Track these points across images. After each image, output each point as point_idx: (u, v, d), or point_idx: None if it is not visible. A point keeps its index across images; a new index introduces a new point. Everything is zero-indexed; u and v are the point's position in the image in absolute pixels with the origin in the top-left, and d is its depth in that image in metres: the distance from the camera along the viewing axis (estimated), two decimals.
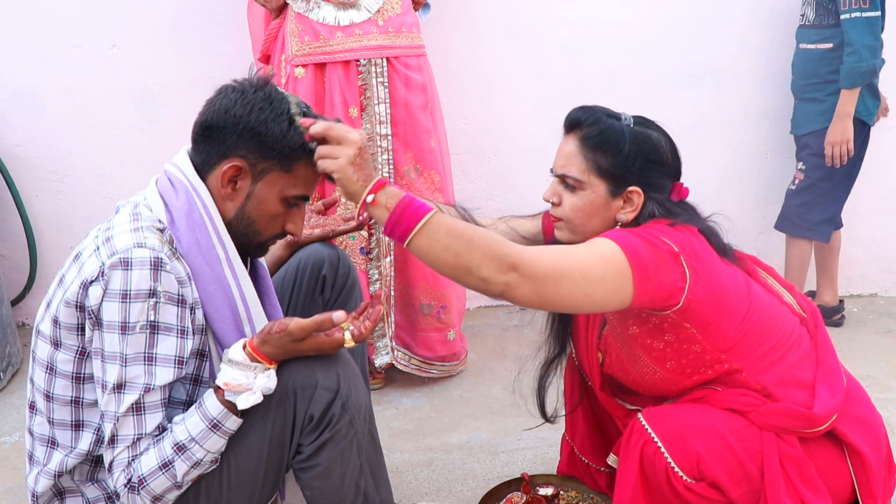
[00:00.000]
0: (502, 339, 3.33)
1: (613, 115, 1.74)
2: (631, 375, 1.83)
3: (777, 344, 1.71)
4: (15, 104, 3.22)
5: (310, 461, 1.55)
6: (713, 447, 1.63)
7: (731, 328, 1.66)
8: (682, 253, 1.58)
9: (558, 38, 3.35)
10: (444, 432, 2.61)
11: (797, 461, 1.63)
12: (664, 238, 1.59)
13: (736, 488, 1.62)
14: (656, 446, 1.64)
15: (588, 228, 1.73)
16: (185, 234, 1.54)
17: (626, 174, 1.69)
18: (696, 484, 1.62)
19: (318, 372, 1.52)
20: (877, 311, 3.59)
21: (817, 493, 1.63)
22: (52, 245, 3.37)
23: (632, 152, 1.69)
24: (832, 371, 1.74)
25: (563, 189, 1.74)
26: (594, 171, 1.70)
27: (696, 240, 1.65)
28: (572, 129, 1.75)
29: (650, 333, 1.70)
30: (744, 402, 1.67)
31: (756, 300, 1.71)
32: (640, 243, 1.57)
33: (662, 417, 1.68)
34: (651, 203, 1.70)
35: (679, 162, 1.77)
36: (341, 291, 1.99)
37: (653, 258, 1.56)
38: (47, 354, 1.52)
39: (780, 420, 1.64)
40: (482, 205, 3.48)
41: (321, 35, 2.64)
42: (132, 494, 1.48)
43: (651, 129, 1.74)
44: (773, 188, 3.56)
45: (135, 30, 3.20)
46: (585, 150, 1.71)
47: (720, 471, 1.62)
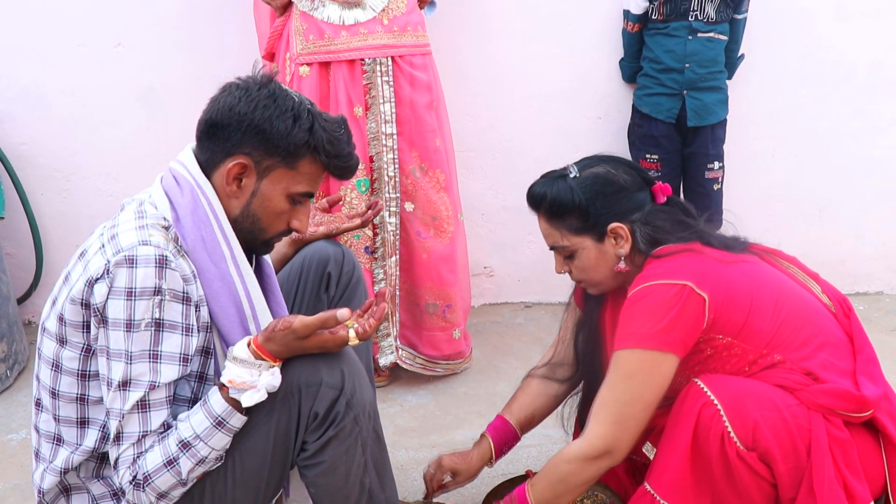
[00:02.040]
0: (507, 336, 3.33)
1: (560, 175, 1.85)
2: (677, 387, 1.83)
3: (815, 332, 1.72)
4: (20, 103, 3.23)
5: (314, 458, 1.56)
6: (769, 418, 1.60)
7: (766, 323, 1.68)
8: (693, 281, 1.64)
9: (564, 37, 3.34)
10: (448, 429, 2.61)
11: (843, 444, 1.61)
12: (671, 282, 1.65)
13: (784, 462, 1.60)
14: (715, 409, 1.61)
15: (600, 278, 1.85)
16: (190, 232, 1.54)
17: (597, 218, 1.79)
18: (747, 453, 1.59)
19: (322, 369, 1.52)
20: (883, 308, 3.58)
21: (858, 478, 1.61)
22: (58, 243, 3.38)
23: (589, 199, 1.79)
24: (871, 361, 1.74)
25: (564, 259, 1.87)
26: (570, 233, 1.82)
27: (696, 257, 1.70)
28: (535, 209, 1.89)
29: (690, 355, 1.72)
30: (793, 380, 1.66)
31: (784, 290, 1.74)
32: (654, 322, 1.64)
33: (721, 382, 1.66)
34: (638, 228, 1.78)
35: (639, 171, 1.86)
36: (346, 289, 2.00)
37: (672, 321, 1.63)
38: (53, 352, 1.52)
39: (830, 400, 1.62)
40: (488, 202, 3.48)
41: (326, 34, 2.64)
42: (137, 491, 1.48)
43: (595, 167, 1.83)
44: None
45: (140, 29, 3.20)
46: (553, 222, 1.84)
47: (773, 442, 1.59)
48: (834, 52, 3.43)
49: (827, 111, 3.50)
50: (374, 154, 2.71)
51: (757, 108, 3.47)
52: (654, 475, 1.70)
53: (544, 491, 1.73)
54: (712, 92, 3.15)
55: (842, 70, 3.46)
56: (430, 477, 2.04)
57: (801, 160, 3.55)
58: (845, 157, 3.55)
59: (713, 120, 3.18)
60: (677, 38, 3.06)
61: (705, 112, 3.14)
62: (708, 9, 3.04)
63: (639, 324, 1.66)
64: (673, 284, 1.64)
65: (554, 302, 3.62)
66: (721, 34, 3.10)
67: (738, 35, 3.21)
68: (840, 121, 3.51)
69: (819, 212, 3.63)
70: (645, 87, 3.18)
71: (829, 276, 3.67)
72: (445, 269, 2.83)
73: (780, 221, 3.58)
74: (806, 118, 3.50)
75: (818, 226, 3.63)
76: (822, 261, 3.60)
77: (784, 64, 3.44)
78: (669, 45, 3.08)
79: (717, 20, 3.06)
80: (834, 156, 3.55)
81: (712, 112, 3.17)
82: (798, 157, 3.55)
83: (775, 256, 1.86)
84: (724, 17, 3.08)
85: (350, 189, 2.69)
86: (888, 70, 3.46)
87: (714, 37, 3.08)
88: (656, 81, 3.14)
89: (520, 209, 3.45)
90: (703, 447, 1.63)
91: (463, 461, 2.03)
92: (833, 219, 3.63)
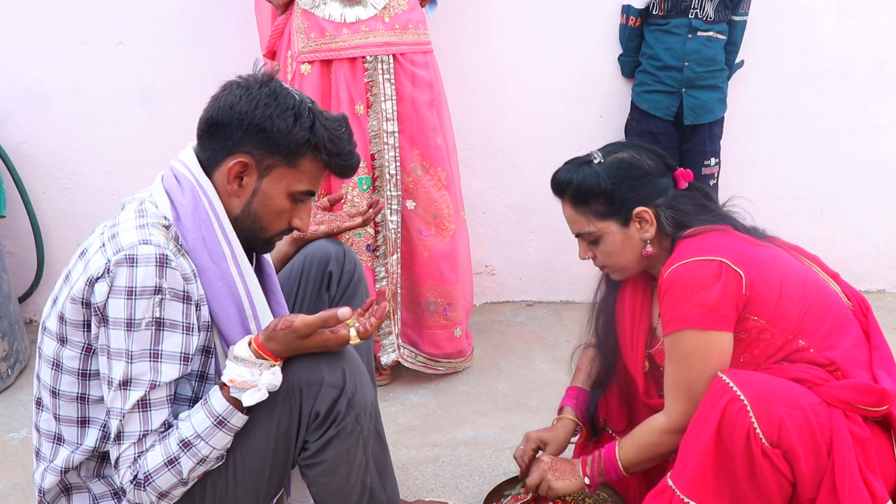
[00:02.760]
0: (508, 335, 3.33)
1: (584, 161, 1.85)
2: None
3: (837, 322, 1.73)
4: (21, 102, 3.23)
5: (316, 458, 1.55)
6: (795, 416, 1.59)
7: (794, 306, 1.70)
8: (726, 258, 1.66)
9: (566, 35, 3.34)
10: (450, 428, 2.60)
11: (864, 442, 1.60)
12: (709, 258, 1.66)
13: (806, 461, 1.58)
14: (742, 404, 1.59)
15: (627, 262, 1.86)
16: (191, 231, 1.54)
17: (622, 203, 1.80)
18: (772, 450, 1.57)
19: (323, 368, 1.52)
20: (885, 307, 3.57)
21: (877, 476, 1.61)
22: (59, 242, 3.38)
23: (614, 184, 1.80)
24: (887, 357, 1.75)
25: (588, 245, 1.88)
26: (596, 218, 1.82)
27: (726, 236, 1.72)
28: (559, 195, 1.88)
29: None
30: (813, 375, 1.66)
31: (808, 276, 1.77)
32: (697, 306, 1.66)
33: (747, 378, 1.65)
34: (662, 212, 1.79)
35: (662, 158, 1.86)
36: (347, 287, 1.99)
37: (718, 299, 1.65)
38: (53, 351, 1.52)
39: (850, 395, 1.61)
40: (489, 201, 3.48)
41: (327, 32, 2.63)
42: (138, 491, 1.48)
43: (619, 152, 1.84)
44: None
45: (141, 27, 3.20)
46: (578, 207, 1.84)
47: (797, 440, 1.57)
48: (835, 50, 3.43)
49: (828, 109, 3.49)
50: (375, 152, 2.71)
51: (758, 106, 3.46)
52: (677, 469, 1.68)
53: (630, 454, 1.81)
54: (710, 90, 3.15)
55: (843, 68, 3.45)
56: (521, 453, 2.04)
57: (802, 158, 3.54)
58: (847, 154, 3.54)
59: (710, 118, 3.18)
60: (677, 35, 3.06)
61: (702, 110, 3.14)
62: (707, 7, 3.03)
63: (686, 305, 1.67)
64: (710, 261, 1.66)
65: (555, 301, 3.62)
66: (720, 34, 3.10)
67: (736, 38, 3.21)
68: (842, 118, 3.50)
69: (821, 209, 3.62)
70: (644, 83, 3.18)
71: None
72: (446, 268, 2.83)
73: (781, 219, 3.57)
74: (807, 116, 3.50)
75: (820, 223, 3.63)
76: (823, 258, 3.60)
77: (786, 62, 3.43)
78: (669, 43, 3.08)
79: (716, 20, 3.06)
80: (836, 153, 3.54)
81: (709, 110, 3.17)
82: (800, 155, 3.54)
83: (798, 253, 1.87)
84: (723, 18, 3.09)
85: (351, 187, 2.69)
86: (890, 67, 3.45)
87: (713, 36, 3.08)
88: (655, 79, 3.14)
89: (522, 207, 3.49)
90: (728, 442, 1.60)
91: (549, 432, 2.06)
92: (835, 216, 3.63)
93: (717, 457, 1.63)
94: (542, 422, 2.60)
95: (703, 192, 1.87)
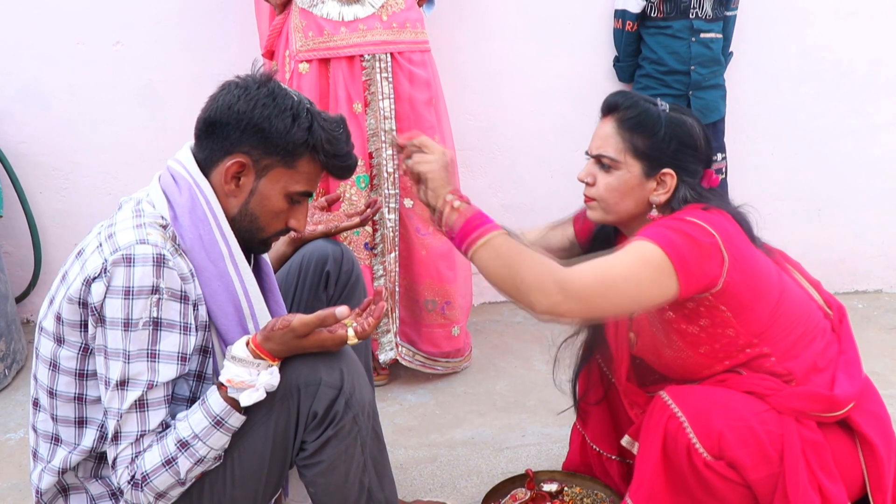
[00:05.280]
0: (507, 335, 3.33)
1: (650, 101, 1.79)
2: (663, 359, 1.84)
3: (805, 332, 1.73)
4: (19, 101, 3.22)
5: (313, 458, 1.55)
6: (735, 427, 1.62)
7: (765, 312, 1.69)
8: (719, 237, 1.62)
9: (564, 35, 3.34)
10: (448, 428, 2.60)
11: (816, 446, 1.63)
12: (700, 223, 1.63)
13: (755, 470, 1.61)
14: (679, 422, 1.64)
15: (621, 208, 1.77)
16: (188, 231, 1.54)
17: (660, 156, 1.74)
18: (715, 462, 1.61)
19: (321, 369, 1.52)
20: (882, 307, 3.58)
21: (834, 480, 1.62)
22: (57, 242, 3.37)
23: (667, 135, 1.74)
24: (853, 362, 1.76)
25: (599, 169, 1.79)
26: (630, 151, 1.74)
27: (729, 223, 1.68)
28: (610, 112, 1.79)
29: (686, 318, 1.71)
30: (764, 386, 1.68)
31: (787, 287, 1.75)
32: (678, 239, 1.60)
33: (686, 395, 1.69)
34: (683, 187, 1.75)
35: (711, 150, 1.82)
36: (345, 287, 1.99)
37: (693, 252, 1.59)
38: (50, 351, 1.52)
39: (800, 403, 1.64)
40: (487, 200, 3.47)
41: (325, 30, 2.63)
42: (136, 491, 1.48)
43: (686, 116, 1.79)
44: None
45: (139, 26, 3.20)
46: (623, 132, 1.75)
47: (741, 451, 1.61)
48: (833, 51, 3.43)
49: (826, 109, 3.50)
50: (373, 150, 2.71)
51: (756, 107, 3.47)
52: (634, 487, 1.73)
53: (504, 245, 1.54)
54: (714, 89, 3.16)
55: (841, 68, 3.46)
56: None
57: (800, 159, 3.55)
58: (845, 155, 3.55)
59: (716, 117, 3.19)
60: (681, 40, 3.06)
61: (708, 110, 3.15)
62: (706, 6, 3.04)
63: (671, 235, 1.61)
64: (707, 230, 1.62)
65: None
66: (718, 33, 3.11)
67: (729, 32, 3.23)
68: (840, 119, 3.51)
69: (819, 210, 3.62)
70: (648, 87, 3.17)
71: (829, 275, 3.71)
72: (444, 266, 2.82)
73: (779, 220, 3.58)
74: (805, 117, 3.50)
75: (818, 224, 3.63)
76: (821, 259, 3.62)
77: (784, 62, 3.43)
78: (674, 47, 3.07)
79: (714, 17, 3.07)
80: (833, 154, 3.55)
81: (715, 109, 3.18)
82: (798, 156, 3.55)
83: (782, 259, 1.87)
84: (719, 15, 3.10)
85: (349, 185, 2.69)
86: (888, 68, 3.46)
87: (714, 37, 3.09)
88: (660, 83, 3.13)
89: (520, 207, 3.49)
90: (674, 458, 1.66)
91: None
92: (833, 217, 3.63)
93: (667, 472, 1.68)
94: (540, 422, 2.60)
95: (720, 196, 1.83)
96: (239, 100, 1.54)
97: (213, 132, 1.56)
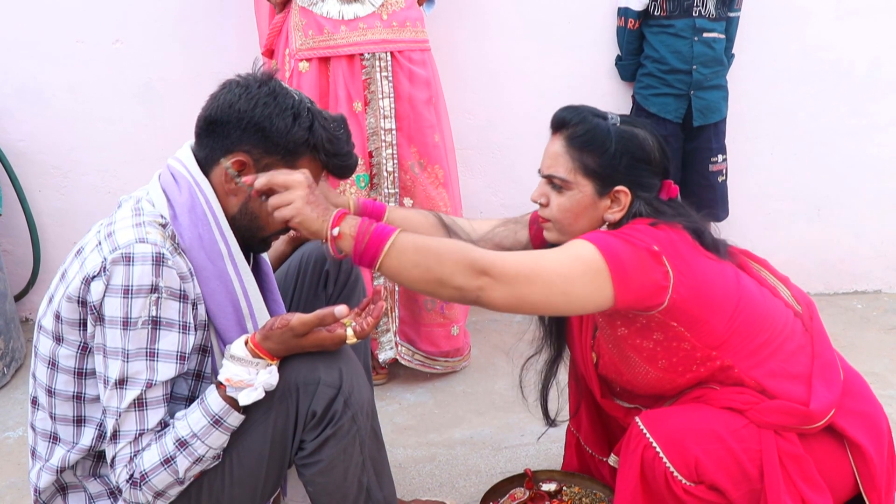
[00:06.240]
0: (505, 335, 3.32)
1: (600, 115, 1.74)
2: (625, 377, 1.82)
3: (770, 338, 1.68)
4: (18, 99, 3.22)
5: (312, 457, 1.55)
6: (711, 450, 1.61)
7: (721, 324, 1.64)
8: (662, 252, 1.57)
9: (563, 34, 3.34)
10: (447, 428, 2.60)
11: (797, 459, 1.62)
12: (644, 237, 1.58)
13: (735, 489, 1.61)
14: (655, 451, 1.63)
15: (576, 228, 1.72)
16: (188, 230, 1.53)
17: (612, 173, 1.68)
18: (695, 487, 1.61)
19: (320, 368, 1.52)
20: (881, 307, 3.58)
21: (818, 490, 1.62)
22: (56, 240, 3.37)
23: (618, 151, 1.68)
24: (829, 364, 1.72)
25: (551, 190, 1.74)
26: (581, 170, 1.69)
27: (678, 237, 1.62)
28: (559, 129, 1.74)
29: (639, 333, 1.69)
30: (741, 401, 1.66)
31: (746, 294, 1.68)
32: (617, 243, 1.55)
33: (660, 421, 1.67)
34: (638, 202, 1.69)
35: (668, 160, 1.75)
36: (344, 286, 1.99)
37: (631, 257, 1.54)
38: (49, 349, 1.52)
39: (778, 418, 1.63)
40: (486, 200, 3.48)
41: (325, 29, 2.63)
42: (134, 490, 1.47)
43: (638, 128, 1.72)
44: None
45: (138, 25, 3.19)
46: (572, 150, 1.70)
47: (719, 473, 1.61)
48: (833, 51, 3.43)
49: (826, 110, 3.50)
50: (373, 149, 2.71)
51: (756, 107, 3.47)
52: None
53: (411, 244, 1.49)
54: (716, 90, 3.16)
55: (841, 69, 3.46)
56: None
57: (799, 159, 3.55)
58: (844, 155, 3.55)
59: (717, 118, 3.18)
60: (684, 39, 3.06)
61: (709, 111, 3.15)
62: (709, 4, 3.04)
63: (611, 240, 1.56)
64: (649, 245, 1.56)
65: None
66: (721, 33, 3.11)
67: (731, 33, 3.22)
68: (839, 119, 3.51)
69: (818, 210, 3.62)
70: (650, 86, 3.16)
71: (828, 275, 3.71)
72: None
73: (778, 220, 3.58)
74: (805, 117, 3.50)
75: (817, 224, 3.63)
76: (820, 259, 3.63)
77: (783, 62, 3.43)
78: (676, 46, 3.07)
79: (717, 17, 3.06)
80: (833, 154, 3.55)
81: (716, 110, 3.18)
82: (797, 156, 3.55)
83: (748, 258, 1.83)
84: (722, 15, 3.09)
85: (349, 184, 2.68)
86: (887, 69, 3.46)
87: (717, 37, 3.09)
88: (662, 82, 3.13)
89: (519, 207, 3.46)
90: (653, 485, 1.66)
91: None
92: (832, 217, 3.63)
93: (647, 496, 1.68)
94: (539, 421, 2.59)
95: (679, 207, 1.75)
96: (240, 98, 1.53)
97: (213, 131, 1.56)
